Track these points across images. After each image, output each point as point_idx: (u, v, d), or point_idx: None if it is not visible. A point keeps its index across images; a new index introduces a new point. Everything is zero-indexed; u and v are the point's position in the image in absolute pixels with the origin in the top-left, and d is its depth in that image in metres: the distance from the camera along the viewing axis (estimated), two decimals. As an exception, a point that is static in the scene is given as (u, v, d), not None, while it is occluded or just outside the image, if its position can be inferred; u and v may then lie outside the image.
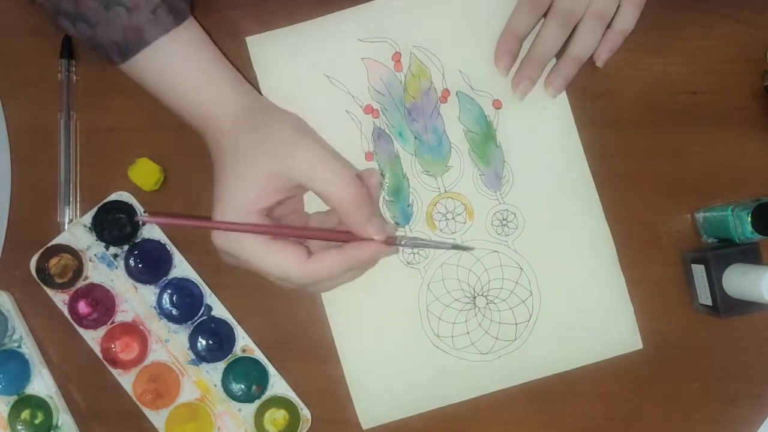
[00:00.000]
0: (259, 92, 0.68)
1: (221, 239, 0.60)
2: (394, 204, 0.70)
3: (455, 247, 0.68)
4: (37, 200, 0.70)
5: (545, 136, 0.70)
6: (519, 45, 0.69)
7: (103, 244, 0.69)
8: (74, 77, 0.70)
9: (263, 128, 0.62)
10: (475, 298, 0.70)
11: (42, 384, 0.69)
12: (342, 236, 0.62)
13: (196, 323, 0.69)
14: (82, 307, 0.69)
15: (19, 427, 0.69)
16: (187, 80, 0.62)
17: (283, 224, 0.64)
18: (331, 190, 0.60)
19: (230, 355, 0.69)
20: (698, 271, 0.68)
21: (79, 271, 0.69)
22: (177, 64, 0.62)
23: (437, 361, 0.69)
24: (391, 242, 0.63)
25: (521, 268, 0.70)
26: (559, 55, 0.69)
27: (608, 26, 0.68)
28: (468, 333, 0.70)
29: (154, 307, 0.69)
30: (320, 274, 0.60)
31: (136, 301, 0.69)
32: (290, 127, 0.63)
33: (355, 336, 0.70)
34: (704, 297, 0.68)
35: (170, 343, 0.69)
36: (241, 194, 0.60)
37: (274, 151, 0.60)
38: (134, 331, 0.69)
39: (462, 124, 0.70)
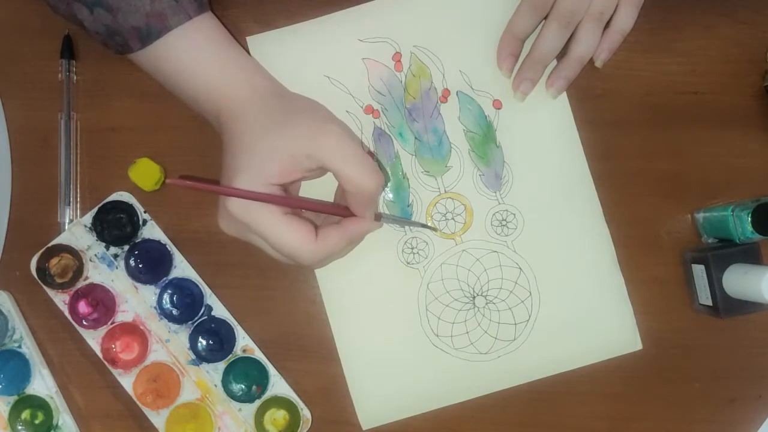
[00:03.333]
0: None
1: (238, 207, 0.60)
2: (394, 204, 0.70)
3: (424, 226, 0.69)
4: (37, 200, 0.70)
5: (545, 136, 0.70)
6: (520, 46, 0.69)
7: (104, 244, 0.69)
8: (74, 77, 0.70)
9: (290, 110, 0.63)
10: (474, 298, 0.70)
11: (42, 384, 0.69)
12: (342, 211, 0.64)
13: (196, 323, 0.69)
14: (83, 307, 0.69)
15: (20, 427, 0.69)
16: (206, 66, 0.63)
17: (291, 196, 0.64)
18: (356, 177, 0.60)
19: (230, 355, 0.69)
20: (698, 271, 0.68)
21: (79, 271, 0.69)
22: (196, 51, 0.63)
23: (436, 361, 0.69)
24: (379, 218, 0.66)
25: (520, 269, 0.70)
26: (560, 56, 0.69)
27: (607, 26, 0.68)
28: (467, 333, 0.70)
29: (155, 307, 0.69)
30: (326, 252, 0.62)
31: (137, 301, 0.69)
32: (318, 111, 0.64)
33: (355, 336, 0.70)
34: (704, 297, 0.68)
35: (170, 343, 0.69)
36: (265, 167, 0.60)
37: (303, 132, 0.61)
38: (134, 331, 0.69)
39: (462, 124, 0.70)
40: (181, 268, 0.69)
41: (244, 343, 0.70)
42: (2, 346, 0.69)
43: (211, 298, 0.69)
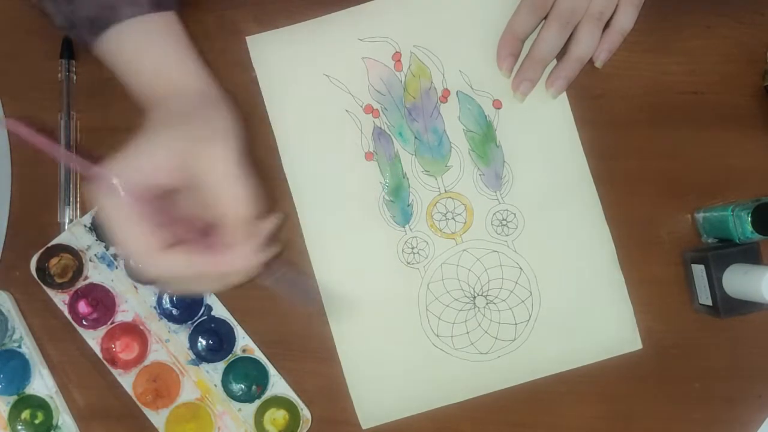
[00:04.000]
0: (255, 91, 0.69)
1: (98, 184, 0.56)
2: (394, 204, 0.70)
3: (306, 300, 0.68)
4: (37, 200, 0.70)
5: (545, 136, 0.70)
6: (520, 46, 0.69)
7: (104, 244, 0.69)
8: (74, 77, 0.70)
9: (197, 115, 0.60)
10: (474, 298, 0.70)
11: (42, 384, 0.69)
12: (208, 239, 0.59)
13: (196, 323, 0.69)
14: (83, 307, 0.69)
15: (19, 427, 0.69)
16: (144, 62, 0.62)
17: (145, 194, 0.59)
18: (223, 198, 0.58)
19: (230, 355, 0.69)
20: (698, 271, 0.68)
21: (79, 271, 0.69)
22: (139, 47, 0.62)
23: (437, 361, 0.69)
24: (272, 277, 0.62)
25: (521, 268, 0.70)
26: (559, 56, 0.69)
27: (606, 26, 0.68)
28: (467, 333, 0.70)
29: (154, 307, 0.69)
30: (168, 265, 0.57)
31: (136, 301, 0.69)
32: (219, 125, 0.60)
33: (355, 336, 0.70)
34: (704, 297, 0.68)
35: (170, 343, 0.69)
36: (150, 157, 0.57)
37: (193, 135, 0.58)
38: (134, 331, 0.69)
39: (462, 124, 0.70)
40: (181, 268, 0.69)
41: (244, 343, 0.69)
42: (2, 346, 0.69)
43: (211, 298, 0.69)
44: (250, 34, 0.70)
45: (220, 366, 0.69)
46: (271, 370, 0.69)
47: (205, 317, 0.69)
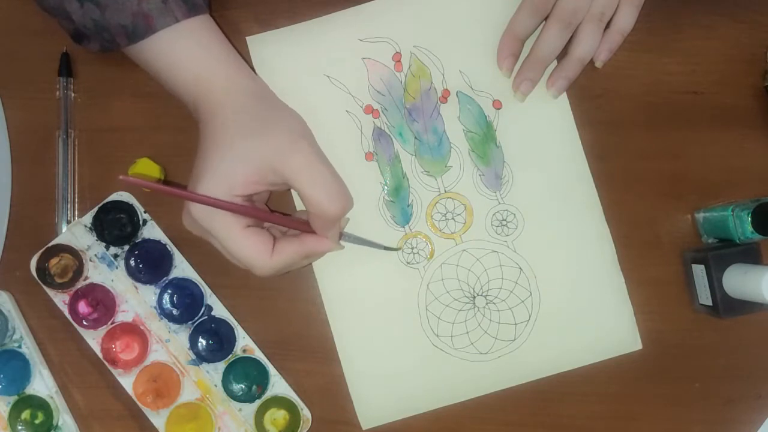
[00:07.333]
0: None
1: (201, 212, 0.61)
2: (394, 204, 0.70)
3: (387, 248, 0.69)
4: (37, 200, 0.70)
5: (545, 136, 0.70)
6: (521, 46, 0.69)
7: (104, 244, 0.69)
8: (72, 95, 0.70)
9: (266, 120, 0.62)
10: (474, 298, 0.70)
11: (42, 384, 0.69)
12: (303, 226, 0.64)
13: (196, 323, 0.69)
14: (83, 307, 0.69)
15: (20, 427, 0.69)
16: (189, 65, 0.63)
17: (253, 206, 0.64)
18: (319, 200, 0.61)
19: (230, 355, 0.69)
20: (698, 271, 0.68)
21: (79, 271, 0.69)
22: (181, 52, 0.62)
23: (436, 361, 0.70)
24: (340, 238, 0.67)
25: (520, 269, 0.70)
26: (560, 56, 0.69)
27: (607, 26, 0.68)
28: (467, 333, 0.70)
29: (155, 307, 0.69)
30: (280, 267, 0.63)
31: (137, 301, 0.69)
32: (292, 127, 0.63)
33: (355, 336, 0.70)
34: (704, 297, 0.68)
35: (170, 343, 0.69)
36: (230, 175, 0.60)
37: (273, 146, 0.61)
38: (134, 331, 0.69)
39: (462, 124, 0.70)
40: (181, 268, 0.69)
41: (244, 343, 0.70)
42: (2, 346, 0.69)
43: (211, 298, 0.69)
44: (250, 34, 0.70)
45: (221, 366, 0.69)
46: (272, 370, 0.69)
47: (206, 317, 0.69)
